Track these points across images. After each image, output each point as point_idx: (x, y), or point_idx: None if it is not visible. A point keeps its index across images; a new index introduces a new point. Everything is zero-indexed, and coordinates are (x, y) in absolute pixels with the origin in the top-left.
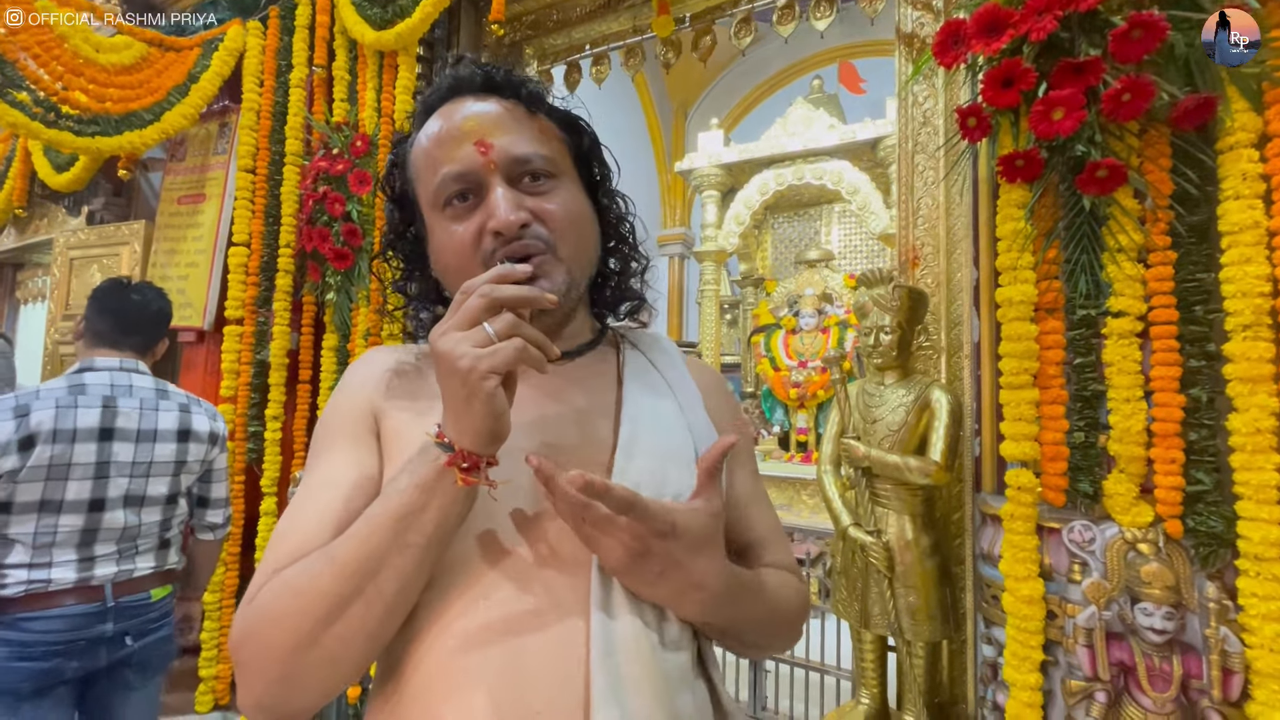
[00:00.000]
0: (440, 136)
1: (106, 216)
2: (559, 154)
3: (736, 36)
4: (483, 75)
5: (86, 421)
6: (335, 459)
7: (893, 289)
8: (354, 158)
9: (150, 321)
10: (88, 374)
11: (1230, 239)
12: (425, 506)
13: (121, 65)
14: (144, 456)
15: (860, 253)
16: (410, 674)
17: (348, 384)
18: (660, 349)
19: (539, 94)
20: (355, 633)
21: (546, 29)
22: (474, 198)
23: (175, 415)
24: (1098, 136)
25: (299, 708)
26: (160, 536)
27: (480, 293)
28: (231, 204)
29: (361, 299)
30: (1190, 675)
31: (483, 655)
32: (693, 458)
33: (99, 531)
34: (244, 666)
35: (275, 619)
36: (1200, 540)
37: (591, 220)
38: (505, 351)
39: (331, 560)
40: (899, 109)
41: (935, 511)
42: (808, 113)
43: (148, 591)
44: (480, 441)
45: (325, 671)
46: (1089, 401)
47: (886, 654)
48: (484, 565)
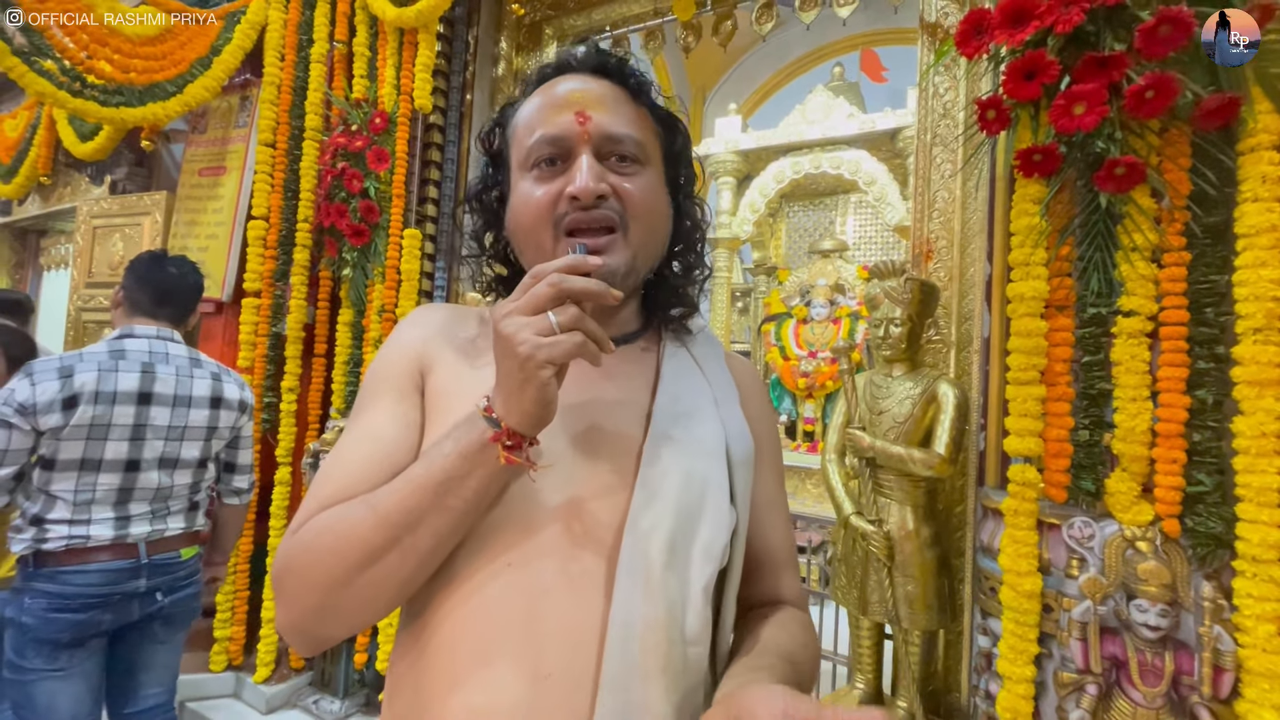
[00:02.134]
0: (544, 103)
1: (129, 186)
2: (651, 145)
3: (758, 22)
4: (597, 57)
5: (126, 385)
6: (380, 410)
7: (904, 281)
8: (373, 134)
9: (186, 294)
10: (128, 340)
11: (1246, 241)
12: (468, 475)
13: (146, 36)
14: (179, 421)
15: (875, 244)
16: (435, 627)
17: (399, 338)
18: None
19: (645, 85)
20: (388, 578)
21: (567, 9)
22: (562, 163)
23: (208, 383)
24: (1118, 133)
25: (330, 635)
26: (190, 499)
27: (550, 281)
28: (251, 177)
29: (377, 275)
30: (1181, 671)
31: (504, 616)
32: (723, 450)
33: (134, 491)
34: (284, 593)
35: (317, 556)
36: (1199, 540)
37: (666, 215)
38: (565, 345)
39: (373, 509)
40: (919, 99)
41: (937, 503)
42: (827, 100)
43: (178, 550)
44: (527, 424)
45: (357, 608)
46: (1095, 400)
47: (883, 641)
48: (515, 534)
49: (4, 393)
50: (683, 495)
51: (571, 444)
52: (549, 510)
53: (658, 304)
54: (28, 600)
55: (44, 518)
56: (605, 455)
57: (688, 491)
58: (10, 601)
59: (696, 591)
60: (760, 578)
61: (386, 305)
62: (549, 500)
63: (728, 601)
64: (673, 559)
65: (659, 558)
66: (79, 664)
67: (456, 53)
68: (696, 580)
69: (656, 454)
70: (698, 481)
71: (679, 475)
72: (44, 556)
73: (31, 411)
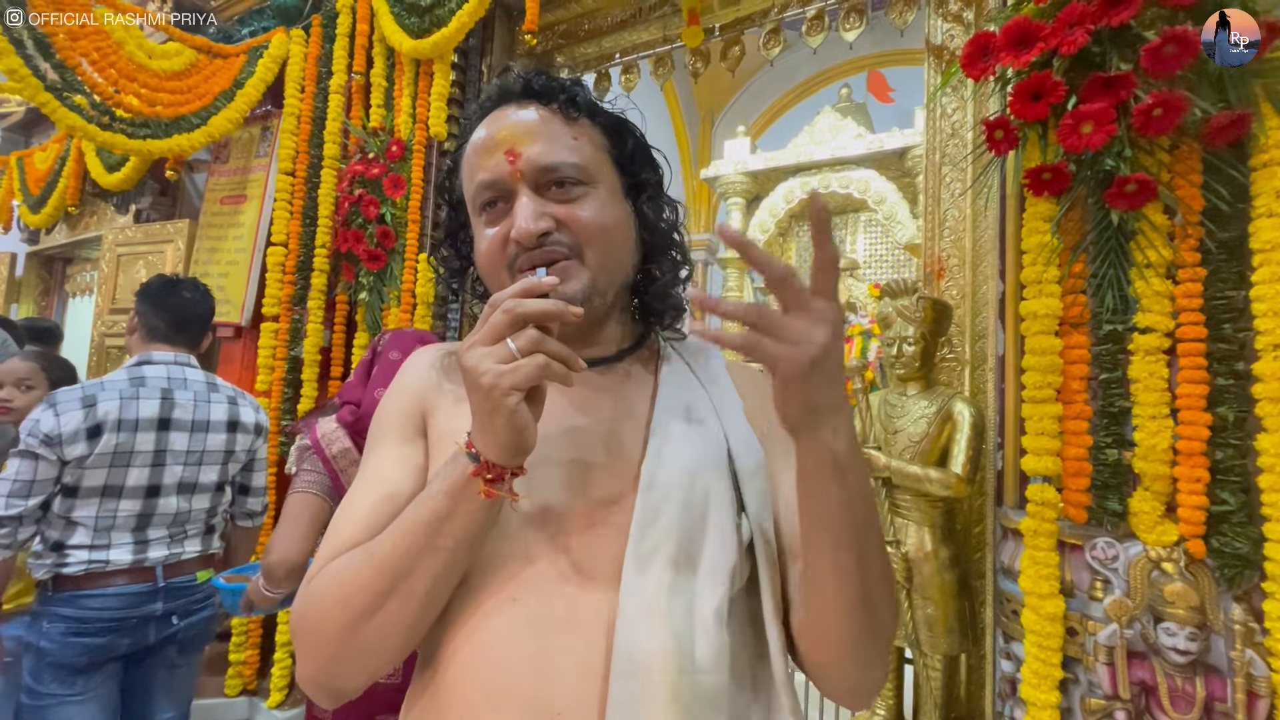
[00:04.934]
0: (478, 145)
1: (153, 215)
2: (595, 160)
3: (765, 47)
4: (523, 83)
5: (147, 412)
6: (386, 457)
7: (917, 300)
8: (389, 162)
9: (200, 319)
10: (146, 367)
11: (1262, 256)
12: (454, 512)
13: (172, 71)
14: (197, 445)
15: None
16: (447, 664)
17: (400, 382)
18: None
19: (578, 98)
20: (393, 624)
21: (578, 38)
22: (504, 204)
23: (225, 407)
24: (1127, 151)
25: (348, 686)
26: (206, 522)
27: (504, 308)
28: (271, 205)
29: (393, 299)
30: (1214, 698)
31: (511, 654)
32: (726, 466)
33: (154, 516)
34: (300, 648)
35: (324, 607)
36: (1226, 561)
37: (625, 227)
38: (526, 369)
39: (371, 557)
40: (927, 120)
41: (956, 524)
42: (835, 121)
43: (193, 574)
44: (504, 454)
45: (367, 657)
46: (1115, 418)
47: (904, 666)
48: (517, 566)
49: (29, 424)
50: (683, 516)
51: (566, 470)
52: (550, 541)
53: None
54: (46, 625)
55: (64, 543)
56: (603, 479)
57: (688, 511)
58: (29, 627)
59: (706, 617)
60: None
61: (402, 329)
62: (550, 530)
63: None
64: (677, 585)
65: (662, 585)
66: (95, 689)
67: (470, 81)
68: (705, 605)
69: (655, 476)
70: (699, 502)
71: (680, 497)
72: (63, 580)
73: (57, 442)
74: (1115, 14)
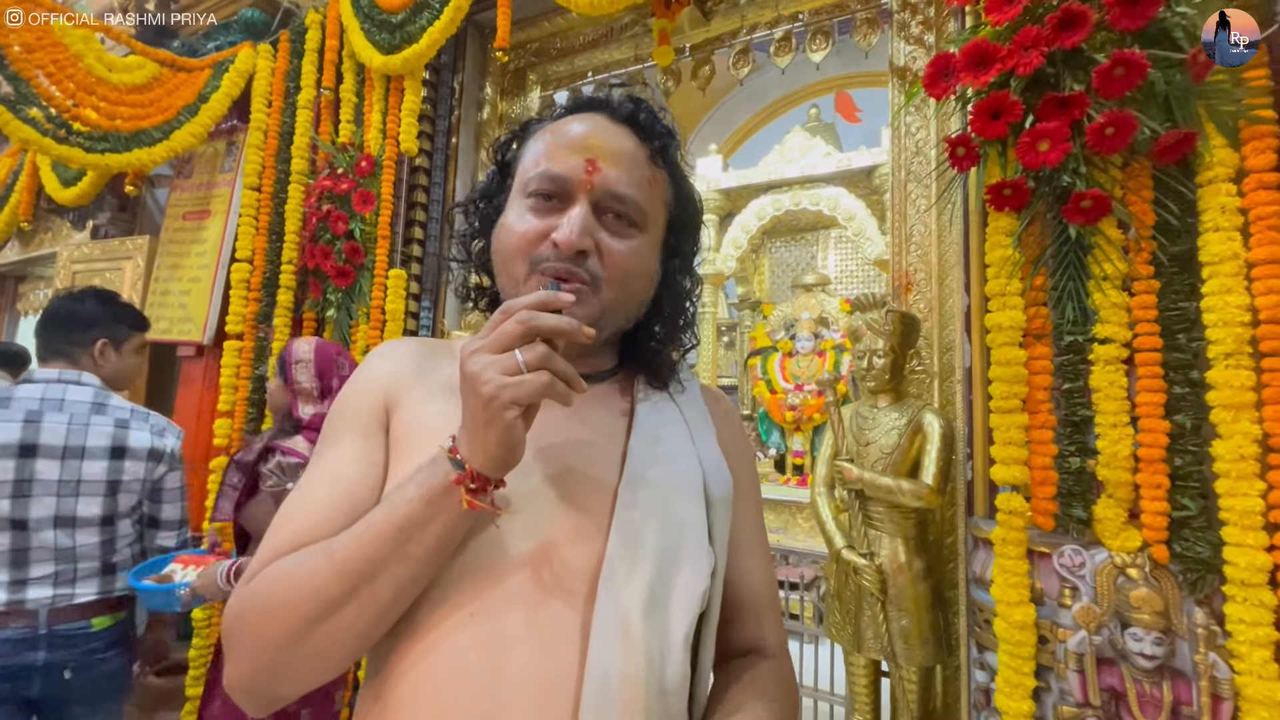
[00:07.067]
0: (559, 138)
1: (111, 231)
2: (654, 210)
3: (735, 67)
4: (630, 108)
5: (5, 437)
6: (343, 452)
7: (886, 313)
8: (358, 177)
9: (73, 327)
10: (22, 387)
11: (1211, 269)
12: (430, 520)
13: (133, 84)
14: (70, 475)
15: (856, 277)
16: (395, 682)
17: (365, 371)
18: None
19: (669, 150)
20: (345, 632)
21: (550, 56)
22: (557, 202)
23: (109, 431)
24: (1082, 168)
25: (283, 694)
26: (103, 560)
27: (518, 318)
28: (235, 221)
29: (361, 316)
30: (1180, 701)
31: (466, 671)
32: (700, 488)
33: (29, 552)
34: (234, 649)
35: (269, 609)
36: (1188, 566)
37: (649, 282)
38: (531, 384)
39: (330, 558)
40: (892, 138)
41: (928, 535)
42: (805, 140)
43: (88, 620)
44: (492, 466)
45: (311, 665)
46: (1078, 427)
47: (880, 679)
48: (480, 581)
49: None
50: (660, 540)
51: (542, 486)
52: (517, 557)
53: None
54: None
55: None
56: (578, 498)
57: (665, 536)
58: None
59: (677, 641)
60: (741, 621)
61: (371, 345)
62: (517, 546)
63: (706, 646)
64: (651, 609)
65: (637, 608)
66: None
67: (442, 98)
68: (676, 630)
69: (633, 498)
70: (674, 525)
71: (656, 520)
72: None
73: None
74: (1067, 37)
